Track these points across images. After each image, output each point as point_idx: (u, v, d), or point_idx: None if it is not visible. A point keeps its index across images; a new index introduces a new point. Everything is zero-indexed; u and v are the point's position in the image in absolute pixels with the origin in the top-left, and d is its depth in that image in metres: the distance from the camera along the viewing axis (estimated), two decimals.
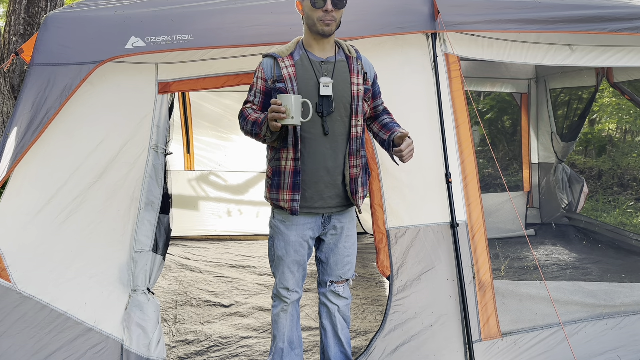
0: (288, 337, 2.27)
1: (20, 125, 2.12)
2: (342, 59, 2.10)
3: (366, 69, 2.14)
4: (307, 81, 2.02)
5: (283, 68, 2.01)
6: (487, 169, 6.49)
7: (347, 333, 2.31)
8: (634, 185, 7.34)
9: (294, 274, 2.19)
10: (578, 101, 5.07)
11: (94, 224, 2.28)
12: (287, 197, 2.04)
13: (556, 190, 5.21)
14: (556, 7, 2.59)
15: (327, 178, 2.07)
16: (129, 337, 2.24)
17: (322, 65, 2.05)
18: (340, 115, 2.05)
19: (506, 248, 4.67)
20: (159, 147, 2.37)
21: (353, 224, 2.25)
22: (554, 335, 2.52)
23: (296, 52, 2.07)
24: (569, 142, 5.05)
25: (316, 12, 1.97)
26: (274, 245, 2.19)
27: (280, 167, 2.05)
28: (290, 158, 2.02)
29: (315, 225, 2.15)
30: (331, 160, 2.06)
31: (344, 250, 2.21)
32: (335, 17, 1.99)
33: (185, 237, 5.18)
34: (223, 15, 2.31)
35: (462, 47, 2.60)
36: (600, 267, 4.10)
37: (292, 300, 2.24)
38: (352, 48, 2.14)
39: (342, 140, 2.07)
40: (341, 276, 2.24)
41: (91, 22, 2.22)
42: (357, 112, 2.06)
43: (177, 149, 5.09)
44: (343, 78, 2.06)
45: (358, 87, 2.07)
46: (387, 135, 2.13)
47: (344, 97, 2.05)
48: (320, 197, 2.08)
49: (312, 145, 2.04)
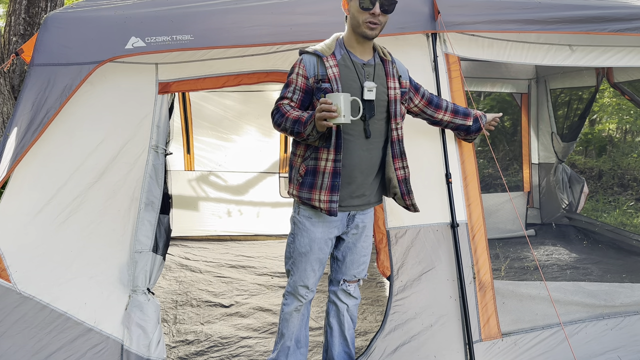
0: (296, 336, 2.27)
1: (20, 125, 2.12)
2: (379, 62, 2.11)
3: (400, 71, 2.16)
4: (350, 83, 2.00)
5: (328, 67, 1.97)
6: (487, 169, 6.49)
7: (352, 333, 2.32)
8: (634, 185, 7.34)
9: (315, 272, 2.18)
10: (578, 101, 5.07)
11: (94, 224, 2.28)
12: (324, 198, 1.99)
13: (556, 190, 5.21)
14: (556, 7, 2.59)
15: (360, 179, 2.07)
16: (128, 337, 2.23)
17: (364, 67, 2.04)
18: (378, 118, 2.06)
19: (506, 248, 4.67)
20: (159, 147, 2.37)
21: (371, 225, 2.25)
22: (554, 336, 2.52)
23: (337, 51, 2.04)
24: (569, 142, 5.05)
25: (363, 14, 1.94)
26: (295, 241, 2.15)
27: (317, 167, 2.01)
28: (331, 159, 1.98)
29: (341, 223, 2.15)
30: (366, 162, 2.06)
31: (361, 249, 2.22)
32: (382, 21, 1.98)
33: (185, 237, 5.18)
34: (223, 15, 2.31)
35: (462, 47, 2.60)
36: (601, 267, 4.10)
37: (309, 299, 2.23)
38: (386, 50, 2.15)
39: (378, 142, 2.08)
40: (355, 275, 2.25)
41: (91, 22, 2.22)
42: (395, 115, 2.07)
43: (177, 149, 5.09)
44: (381, 82, 2.07)
45: (395, 90, 2.08)
46: (469, 119, 2.36)
47: (381, 100, 2.06)
48: (350, 197, 2.09)
49: (351, 148, 2.03)
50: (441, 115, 2.31)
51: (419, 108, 2.29)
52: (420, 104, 2.27)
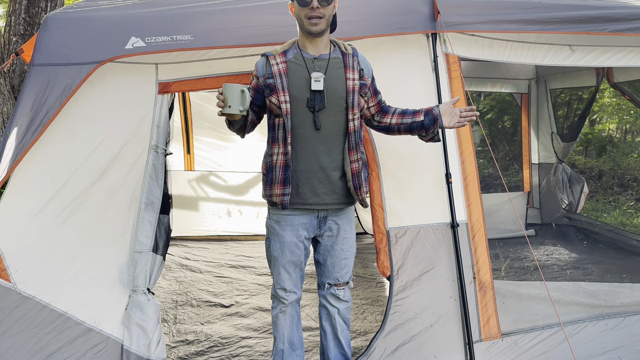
0: (288, 338, 2.27)
1: (20, 125, 2.12)
2: (337, 55, 2.10)
3: (362, 65, 2.14)
4: (298, 76, 2.03)
5: (273, 65, 2.03)
6: (487, 169, 6.49)
7: (347, 335, 2.31)
8: (634, 185, 7.34)
9: (290, 274, 2.19)
10: (578, 101, 5.07)
11: (94, 224, 2.28)
12: (278, 192, 2.05)
13: (556, 190, 5.21)
14: (556, 7, 2.59)
15: (320, 174, 2.06)
16: (128, 337, 2.23)
17: (315, 61, 2.06)
18: (334, 110, 2.05)
19: (506, 248, 4.67)
20: (159, 147, 2.37)
21: (350, 226, 2.22)
22: (554, 336, 2.52)
23: (290, 51, 2.09)
24: (569, 142, 5.05)
25: (303, 10, 1.98)
26: (270, 245, 2.20)
27: (272, 162, 2.07)
28: (281, 152, 2.04)
29: (310, 225, 2.15)
30: (324, 155, 2.06)
31: (340, 252, 2.20)
32: (323, 14, 1.98)
33: (185, 237, 5.18)
34: (223, 15, 2.31)
35: (462, 47, 2.60)
36: (601, 267, 4.10)
37: (291, 301, 2.23)
38: (348, 46, 2.14)
39: (337, 136, 2.07)
40: (338, 279, 2.22)
41: (91, 22, 2.22)
42: (353, 106, 2.06)
43: (177, 149, 5.09)
44: (337, 73, 2.06)
45: (353, 81, 2.07)
46: (420, 115, 2.15)
47: (338, 92, 2.05)
48: (314, 193, 2.08)
49: (304, 141, 2.04)
50: (389, 119, 2.21)
51: (370, 112, 2.22)
52: (372, 108, 2.21)
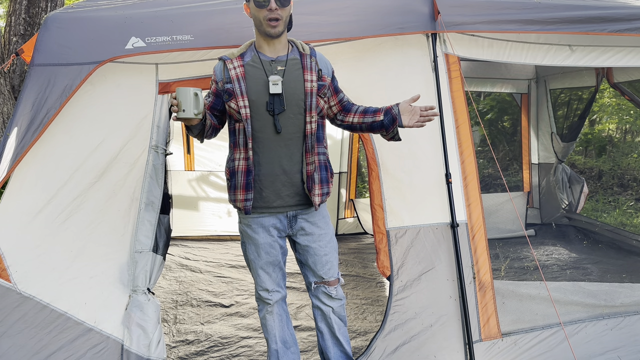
0: (280, 337, 2.26)
1: (20, 125, 2.12)
2: (295, 56, 2.08)
3: (321, 65, 2.12)
4: (256, 80, 2.02)
5: (231, 69, 2.02)
6: (487, 169, 6.49)
7: (345, 332, 2.29)
8: (634, 185, 7.34)
9: (269, 275, 2.20)
10: (578, 101, 5.07)
11: (94, 224, 2.28)
12: (240, 197, 2.05)
13: (556, 191, 5.21)
14: (556, 8, 2.59)
15: (283, 177, 2.06)
16: (129, 337, 2.23)
17: (272, 64, 2.04)
18: (294, 113, 2.04)
19: (506, 248, 4.68)
20: (159, 147, 2.37)
21: (325, 222, 2.19)
22: (554, 336, 2.52)
23: (247, 54, 2.07)
24: (569, 142, 5.05)
25: (261, 12, 1.96)
26: (246, 249, 2.20)
27: (234, 168, 2.06)
28: (242, 157, 2.04)
29: (281, 224, 2.14)
30: (286, 158, 2.05)
31: (319, 249, 2.17)
32: (281, 15, 1.97)
33: (185, 237, 5.19)
34: (223, 15, 2.31)
35: (462, 47, 2.60)
36: (600, 267, 4.10)
37: (276, 300, 2.23)
38: (306, 46, 2.12)
39: (298, 138, 2.05)
40: (323, 276, 2.20)
41: (91, 22, 2.22)
42: (310, 108, 2.04)
43: (177, 149, 5.09)
44: (295, 75, 2.04)
45: (311, 83, 2.05)
46: (380, 114, 2.09)
47: (296, 95, 2.03)
48: (278, 196, 2.08)
49: (265, 145, 2.03)
50: (350, 118, 2.19)
51: (333, 112, 2.21)
52: (334, 107, 2.19)
